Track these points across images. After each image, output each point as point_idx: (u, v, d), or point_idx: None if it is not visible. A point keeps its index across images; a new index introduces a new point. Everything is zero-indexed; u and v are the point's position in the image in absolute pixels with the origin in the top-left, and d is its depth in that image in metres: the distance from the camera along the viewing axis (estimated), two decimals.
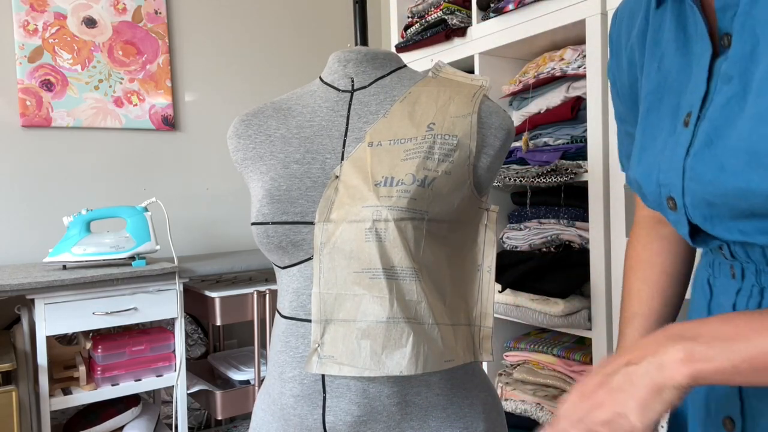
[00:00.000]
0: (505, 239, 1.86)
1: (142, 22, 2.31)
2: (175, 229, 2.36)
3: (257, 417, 0.85)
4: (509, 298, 1.74)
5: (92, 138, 2.23)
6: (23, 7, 2.08)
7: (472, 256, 0.81)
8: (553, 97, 1.70)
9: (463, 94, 0.81)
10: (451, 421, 0.78)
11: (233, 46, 2.53)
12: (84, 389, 1.78)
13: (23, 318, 1.79)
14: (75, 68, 2.18)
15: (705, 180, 0.52)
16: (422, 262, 0.73)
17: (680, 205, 0.57)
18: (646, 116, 0.65)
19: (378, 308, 0.73)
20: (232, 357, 2.27)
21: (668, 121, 0.60)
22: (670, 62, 0.62)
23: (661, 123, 0.62)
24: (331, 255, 0.74)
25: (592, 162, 1.55)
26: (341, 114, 0.83)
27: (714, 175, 0.50)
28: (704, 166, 0.53)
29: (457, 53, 1.95)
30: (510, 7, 1.72)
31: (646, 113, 0.65)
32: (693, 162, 0.54)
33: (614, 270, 1.51)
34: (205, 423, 2.42)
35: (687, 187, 0.55)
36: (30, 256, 2.11)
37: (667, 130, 0.60)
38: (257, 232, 0.78)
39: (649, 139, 0.63)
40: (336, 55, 0.87)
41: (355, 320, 0.74)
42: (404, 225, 0.71)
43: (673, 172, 0.57)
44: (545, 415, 1.65)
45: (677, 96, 0.60)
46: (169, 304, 1.86)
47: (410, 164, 0.74)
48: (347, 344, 0.74)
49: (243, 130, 0.87)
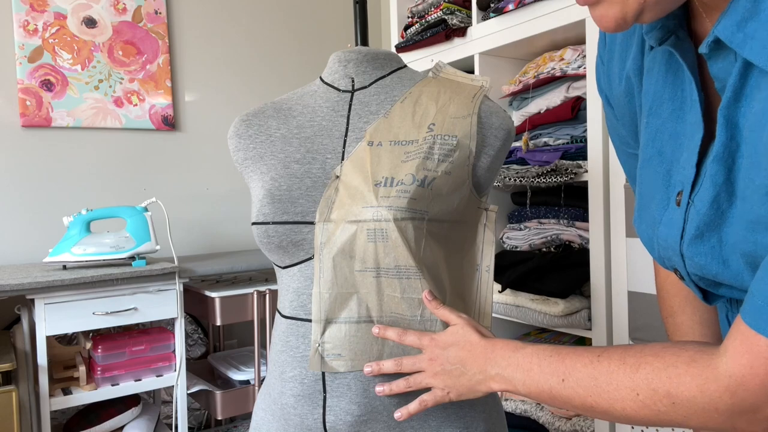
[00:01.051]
0: (505, 239, 1.86)
1: (142, 22, 2.31)
2: (175, 229, 2.36)
3: (257, 417, 0.85)
4: (509, 298, 1.74)
5: (92, 138, 2.23)
6: (23, 7, 2.08)
7: (471, 256, 0.81)
8: (553, 97, 1.70)
9: (463, 94, 0.81)
10: (451, 420, 0.78)
11: (233, 46, 2.53)
12: (84, 389, 1.78)
13: (23, 318, 1.79)
14: (75, 68, 2.18)
15: (710, 272, 0.55)
16: (423, 260, 0.73)
17: (687, 279, 0.59)
18: (644, 167, 0.63)
19: (378, 307, 0.73)
20: (232, 357, 2.27)
21: (662, 187, 0.59)
22: (663, 123, 0.59)
23: (656, 185, 0.60)
24: (332, 255, 0.74)
25: (592, 162, 1.55)
26: (342, 114, 0.83)
27: (719, 269, 0.53)
28: (704, 259, 0.54)
29: (457, 53, 1.95)
30: (510, 7, 1.72)
31: (644, 164, 0.63)
32: (690, 252, 0.55)
33: (614, 270, 1.51)
34: (205, 423, 2.42)
35: (690, 270, 0.57)
36: (30, 256, 2.11)
37: (660, 198, 0.60)
38: (258, 232, 0.78)
39: (647, 197, 0.62)
40: (336, 56, 0.87)
41: (355, 320, 0.74)
42: (404, 225, 0.71)
43: (673, 253, 0.58)
44: (545, 415, 1.65)
45: (669, 163, 0.59)
46: (169, 304, 1.86)
47: (410, 164, 0.74)
48: (348, 344, 0.74)
49: (243, 130, 0.87)
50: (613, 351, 0.57)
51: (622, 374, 0.54)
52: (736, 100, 0.48)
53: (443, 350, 0.70)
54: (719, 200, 0.51)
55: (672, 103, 0.58)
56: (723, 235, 0.52)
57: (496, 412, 0.84)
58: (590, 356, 0.58)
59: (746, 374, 0.48)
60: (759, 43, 0.45)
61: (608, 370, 0.56)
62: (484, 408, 0.81)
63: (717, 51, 0.50)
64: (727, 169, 0.50)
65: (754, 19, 0.45)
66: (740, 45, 0.46)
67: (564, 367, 0.59)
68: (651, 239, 0.62)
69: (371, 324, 0.74)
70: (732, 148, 0.50)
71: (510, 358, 0.65)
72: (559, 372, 0.60)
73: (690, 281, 0.59)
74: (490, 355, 0.66)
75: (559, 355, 0.61)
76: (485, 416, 0.81)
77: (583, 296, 1.63)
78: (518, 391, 0.64)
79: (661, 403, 0.52)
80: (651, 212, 0.61)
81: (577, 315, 1.59)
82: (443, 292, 0.76)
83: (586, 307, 1.59)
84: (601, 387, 0.56)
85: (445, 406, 0.78)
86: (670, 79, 0.58)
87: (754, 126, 0.47)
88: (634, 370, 0.54)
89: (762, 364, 0.47)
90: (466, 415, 0.79)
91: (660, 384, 0.52)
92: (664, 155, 0.59)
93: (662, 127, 0.59)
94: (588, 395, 0.57)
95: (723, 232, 0.52)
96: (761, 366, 0.47)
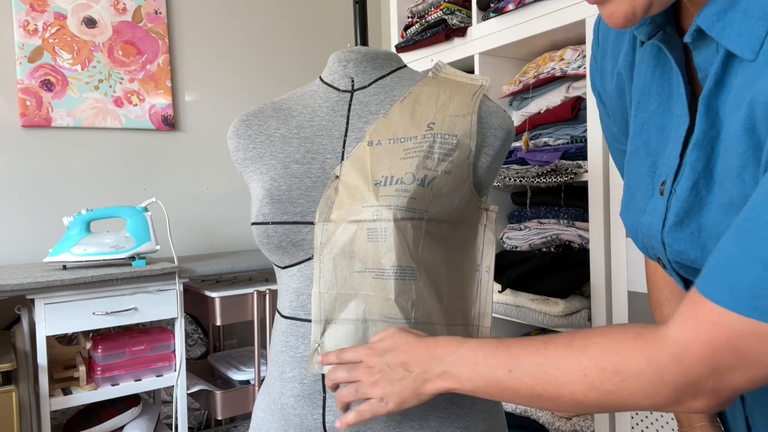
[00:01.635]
0: (505, 239, 1.86)
1: (142, 22, 2.31)
2: (175, 229, 2.35)
3: (257, 417, 0.85)
4: (509, 298, 1.74)
5: (92, 138, 2.23)
6: (23, 7, 2.08)
7: (471, 256, 0.81)
8: (553, 97, 1.70)
9: (463, 93, 0.81)
10: (452, 420, 0.78)
11: (233, 46, 2.53)
12: (84, 389, 1.78)
13: (23, 318, 1.79)
14: (75, 68, 2.18)
15: (689, 258, 0.56)
16: (421, 261, 0.73)
17: (669, 267, 0.60)
18: (631, 158, 0.64)
19: (378, 308, 0.73)
20: (232, 357, 2.27)
21: (647, 178, 0.60)
22: (650, 116, 0.61)
23: (642, 176, 0.61)
24: (332, 255, 0.74)
25: (592, 162, 1.55)
26: (341, 114, 0.83)
27: (697, 255, 0.54)
28: (683, 244, 0.55)
29: (457, 53, 1.95)
30: (510, 7, 1.72)
31: (631, 156, 0.64)
32: (670, 238, 0.56)
33: (614, 270, 1.51)
34: (205, 423, 2.42)
35: (671, 257, 0.58)
36: (30, 256, 2.11)
37: (645, 188, 0.61)
38: (257, 232, 0.78)
39: (633, 189, 0.63)
40: (336, 55, 0.87)
41: (355, 320, 0.74)
42: (404, 225, 0.71)
43: (655, 241, 0.59)
44: (545, 415, 1.65)
45: (655, 154, 0.60)
46: (169, 304, 1.86)
47: (410, 163, 0.74)
48: (347, 344, 0.74)
49: (243, 130, 0.87)
50: (559, 338, 0.57)
51: (570, 357, 0.54)
52: (717, 89, 0.50)
53: (381, 357, 0.67)
54: (698, 187, 0.52)
55: (659, 96, 0.59)
56: (702, 221, 0.53)
57: (496, 411, 0.84)
58: (536, 344, 0.58)
59: (691, 339, 0.47)
60: (736, 31, 0.47)
61: (555, 355, 0.55)
62: (484, 408, 0.81)
63: (700, 41, 0.52)
64: (707, 156, 0.51)
65: (733, 8, 0.47)
66: (719, 34, 0.48)
67: (510, 358, 0.58)
68: (636, 229, 0.63)
69: (370, 325, 0.74)
70: (711, 135, 0.51)
71: (454, 354, 0.63)
72: (505, 363, 0.58)
73: (671, 269, 0.60)
74: (434, 352, 0.64)
75: (505, 347, 0.60)
76: (485, 416, 0.81)
77: (583, 296, 1.63)
78: (465, 387, 0.61)
79: (609, 382, 0.51)
80: (636, 202, 0.62)
81: (577, 315, 1.59)
82: (441, 293, 0.76)
83: (586, 307, 1.59)
84: (549, 373, 0.55)
85: (446, 405, 0.78)
86: (658, 74, 0.59)
87: (730, 111, 0.49)
88: (581, 352, 0.54)
89: (706, 329, 0.47)
90: (466, 415, 0.79)
91: (608, 361, 0.52)
92: (650, 147, 0.60)
93: (649, 120, 0.61)
94: (535, 383, 0.56)
95: (702, 218, 0.53)
96: (705, 331, 0.47)
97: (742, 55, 0.47)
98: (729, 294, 0.45)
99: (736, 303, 0.45)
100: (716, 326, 0.46)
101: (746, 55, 0.47)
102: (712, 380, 0.48)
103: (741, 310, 0.44)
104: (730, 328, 0.45)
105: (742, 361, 0.46)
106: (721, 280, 0.46)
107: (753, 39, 0.46)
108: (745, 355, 0.45)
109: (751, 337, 0.44)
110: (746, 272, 0.44)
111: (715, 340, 0.46)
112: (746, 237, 0.44)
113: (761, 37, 0.46)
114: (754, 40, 0.46)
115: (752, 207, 0.44)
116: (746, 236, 0.44)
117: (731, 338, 0.45)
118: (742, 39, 0.47)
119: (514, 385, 0.57)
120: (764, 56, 0.45)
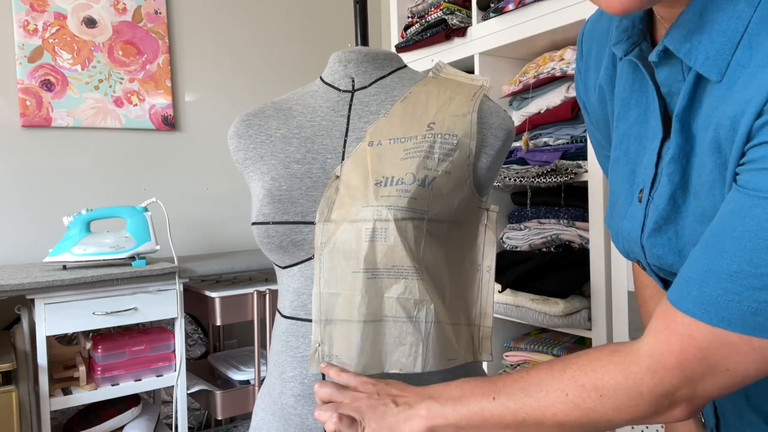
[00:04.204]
0: (505, 239, 1.86)
1: (142, 22, 2.31)
2: (175, 229, 2.35)
3: (257, 417, 0.85)
4: (509, 298, 1.74)
5: (92, 138, 2.23)
6: (23, 7, 2.08)
7: (471, 256, 0.81)
8: (553, 97, 1.70)
9: (463, 93, 0.81)
10: None
11: (233, 46, 2.53)
12: (84, 389, 1.77)
13: (23, 318, 1.79)
14: (75, 68, 2.18)
15: (666, 262, 0.58)
16: (422, 261, 0.73)
17: (648, 269, 0.62)
18: (613, 167, 0.66)
19: (379, 307, 0.73)
20: (232, 357, 2.27)
21: (627, 186, 0.63)
22: (630, 127, 0.63)
23: (622, 184, 0.64)
24: (332, 255, 0.74)
25: (592, 162, 1.55)
26: (342, 114, 0.83)
27: (674, 259, 0.57)
28: (661, 249, 0.57)
29: (457, 53, 1.95)
30: (510, 7, 1.72)
31: (613, 164, 0.66)
32: (649, 243, 0.59)
33: (614, 270, 1.51)
34: (205, 423, 2.42)
35: (650, 261, 0.60)
36: (30, 256, 2.11)
37: (625, 195, 0.63)
38: (258, 231, 0.78)
39: (615, 195, 0.66)
40: (336, 55, 0.87)
41: (355, 320, 0.74)
42: (404, 225, 0.71)
43: (635, 245, 0.61)
44: None
45: (633, 163, 0.62)
46: (169, 304, 1.86)
47: (410, 163, 0.74)
48: (348, 343, 0.74)
49: (244, 130, 0.87)
50: (541, 365, 0.59)
51: (550, 378, 0.56)
52: (689, 106, 0.52)
53: (374, 385, 0.68)
54: (675, 197, 0.55)
55: (637, 108, 0.62)
56: (678, 228, 0.55)
57: None
58: (521, 373, 0.59)
59: (664, 351, 0.49)
60: (703, 54, 0.49)
61: (537, 379, 0.57)
62: None
63: (666, 59, 0.54)
64: (683, 168, 0.54)
65: (698, 31, 0.49)
66: (686, 55, 0.50)
67: (494, 387, 0.59)
68: (617, 233, 0.65)
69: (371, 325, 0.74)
70: (686, 149, 0.53)
71: (443, 390, 0.64)
72: (490, 392, 0.59)
73: (651, 271, 0.62)
74: (424, 392, 0.65)
75: (491, 380, 0.61)
76: None
77: (583, 296, 1.63)
78: (448, 421, 0.61)
79: (589, 399, 0.53)
80: (618, 209, 0.64)
81: (577, 315, 1.59)
82: (443, 293, 0.76)
83: (586, 307, 1.60)
84: (532, 396, 0.56)
85: None
86: (636, 87, 0.62)
87: (701, 129, 0.51)
88: (561, 373, 0.55)
89: (678, 340, 0.48)
90: None
91: (587, 378, 0.53)
92: (629, 156, 0.63)
93: (629, 131, 0.63)
94: (519, 408, 0.57)
95: (678, 225, 0.55)
96: (677, 342, 0.48)
97: (708, 76, 0.49)
98: (698, 306, 0.47)
99: (705, 314, 0.46)
100: (687, 337, 0.48)
101: (713, 77, 0.49)
102: (685, 390, 0.49)
103: (710, 321, 0.46)
104: (700, 338, 0.47)
105: (713, 370, 0.48)
106: (691, 292, 0.47)
107: (719, 61, 0.48)
108: (715, 363, 0.47)
109: (721, 346, 0.46)
110: (713, 285, 0.46)
111: (687, 350, 0.48)
112: (712, 251, 0.46)
113: (726, 59, 0.48)
114: (720, 62, 0.48)
115: (718, 223, 0.47)
116: (712, 251, 0.46)
117: (701, 348, 0.47)
118: (708, 61, 0.49)
119: (499, 413, 0.58)
120: (729, 79, 0.47)
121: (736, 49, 0.47)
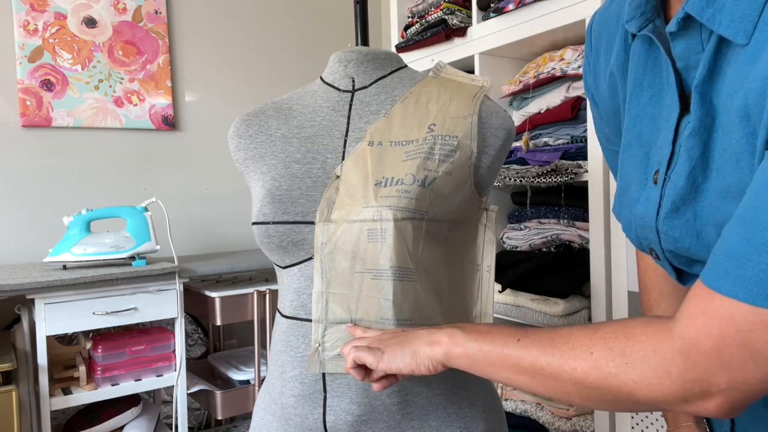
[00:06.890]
0: (505, 239, 1.86)
1: (142, 22, 2.31)
2: (175, 229, 2.35)
3: (258, 417, 0.85)
4: (509, 298, 1.74)
5: (92, 138, 2.23)
6: (23, 7, 2.08)
7: (471, 256, 0.81)
8: (553, 97, 1.70)
9: (463, 94, 0.81)
10: (452, 420, 0.78)
11: (233, 46, 2.53)
12: (84, 389, 1.77)
13: (23, 318, 1.79)
14: (75, 68, 2.18)
15: (683, 246, 0.55)
16: (420, 262, 0.73)
17: (662, 257, 0.59)
18: (624, 151, 0.64)
19: (377, 308, 0.73)
20: (232, 357, 2.27)
21: (641, 169, 0.60)
22: (643, 109, 0.61)
23: (635, 168, 0.62)
24: (332, 255, 0.74)
25: (592, 162, 1.55)
26: (342, 114, 0.83)
27: (692, 242, 0.54)
28: (678, 232, 0.54)
29: (457, 53, 1.95)
30: (510, 7, 1.72)
31: (624, 149, 0.64)
32: (665, 226, 0.56)
33: (614, 270, 1.51)
34: (205, 423, 2.42)
35: (665, 246, 0.57)
36: (30, 256, 2.11)
37: (638, 179, 0.60)
38: (258, 231, 0.78)
39: (626, 181, 0.63)
40: (337, 55, 0.87)
41: (355, 320, 0.74)
42: (404, 225, 0.71)
43: (649, 230, 0.58)
44: (545, 415, 1.65)
45: (647, 145, 0.60)
46: (169, 304, 1.86)
47: (410, 164, 0.74)
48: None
49: (244, 130, 0.87)
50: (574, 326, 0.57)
51: (580, 336, 0.53)
52: (710, 76, 0.50)
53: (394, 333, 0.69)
54: (695, 173, 0.52)
55: (651, 88, 0.60)
56: (697, 208, 0.52)
57: (496, 412, 0.84)
58: (552, 328, 0.57)
59: (700, 335, 0.45)
60: (727, 16, 0.47)
61: (567, 333, 0.55)
62: (484, 408, 0.81)
63: (684, 29, 0.52)
64: (703, 143, 0.51)
65: None
66: (710, 19, 0.48)
67: (523, 332, 0.58)
68: (629, 220, 0.62)
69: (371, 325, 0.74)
70: (707, 122, 0.51)
71: (472, 324, 0.64)
72: (516, 334, 0.57)
73: (665, 259, 0.59)
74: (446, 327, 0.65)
75: (523, 327, 0.60)
76: (485, 416, 0.81)
77: (583, 296, 1.63)
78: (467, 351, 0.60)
79: (614, 363, 0.50)
80: (630, 194, 0.62)
81: (577, 315, 1.59)
82: (441, 294, 0.76)
83: (586, 307, 1.60)
84: (556, 346, 0.54)
85: (446, 405, 0.78)
86: (650, 66, 0.60)
87: (726, 98, 0.48)
88: (593, 332, 0.53)
89: (716, 324, 0.44)
90: (466, 415, 0.79)
91: (616, 342, 0.50)
92: (643, 138, 0.61)
93: (642, 112, 0.61)
94: (540, 354, 0.55)
95: (698, 205, 0.52)
96: (715, 326, 0.44)
97: (735, 39, 0.46)
98: (739, 284, 0.43)
99: (747, 293, 0.42)
100: (727, 320, 0.44)
101: (739, 40, 0.46)
102: (723, 378, 0.45)
103: (753, 301, 0.42)
104: (741, 320, 0.43)
105: (756, 356, 0.43)
106: (729, 270, 0.43)
107: (745, 23, 0.46)
108: (759, 349, 0.43)
109: (765, 328, 0.42)
110: (755, 260, 0.42)
111: (725, 333, 0.44)
112: (750, 224, 0.42)
113: (753, 20, 0.45)
114: (747, 24, 0.46)
115: (754, 194, 0.43)
116: (750, 223, 0.42)
117: (742, 330, 0.43)
118: (734, 24, 0.46)
119: (519, 355, 0.56)
120: (756, 40, 0.45)
121: (762, 10, 0.45)
